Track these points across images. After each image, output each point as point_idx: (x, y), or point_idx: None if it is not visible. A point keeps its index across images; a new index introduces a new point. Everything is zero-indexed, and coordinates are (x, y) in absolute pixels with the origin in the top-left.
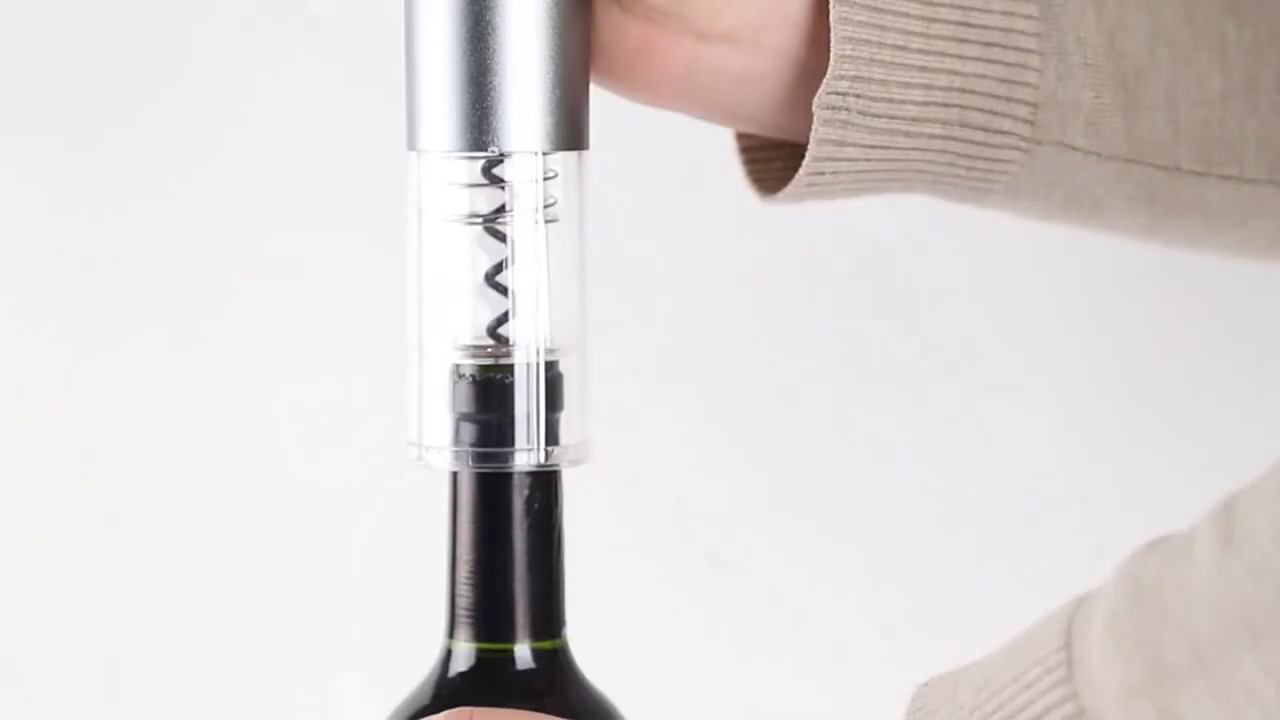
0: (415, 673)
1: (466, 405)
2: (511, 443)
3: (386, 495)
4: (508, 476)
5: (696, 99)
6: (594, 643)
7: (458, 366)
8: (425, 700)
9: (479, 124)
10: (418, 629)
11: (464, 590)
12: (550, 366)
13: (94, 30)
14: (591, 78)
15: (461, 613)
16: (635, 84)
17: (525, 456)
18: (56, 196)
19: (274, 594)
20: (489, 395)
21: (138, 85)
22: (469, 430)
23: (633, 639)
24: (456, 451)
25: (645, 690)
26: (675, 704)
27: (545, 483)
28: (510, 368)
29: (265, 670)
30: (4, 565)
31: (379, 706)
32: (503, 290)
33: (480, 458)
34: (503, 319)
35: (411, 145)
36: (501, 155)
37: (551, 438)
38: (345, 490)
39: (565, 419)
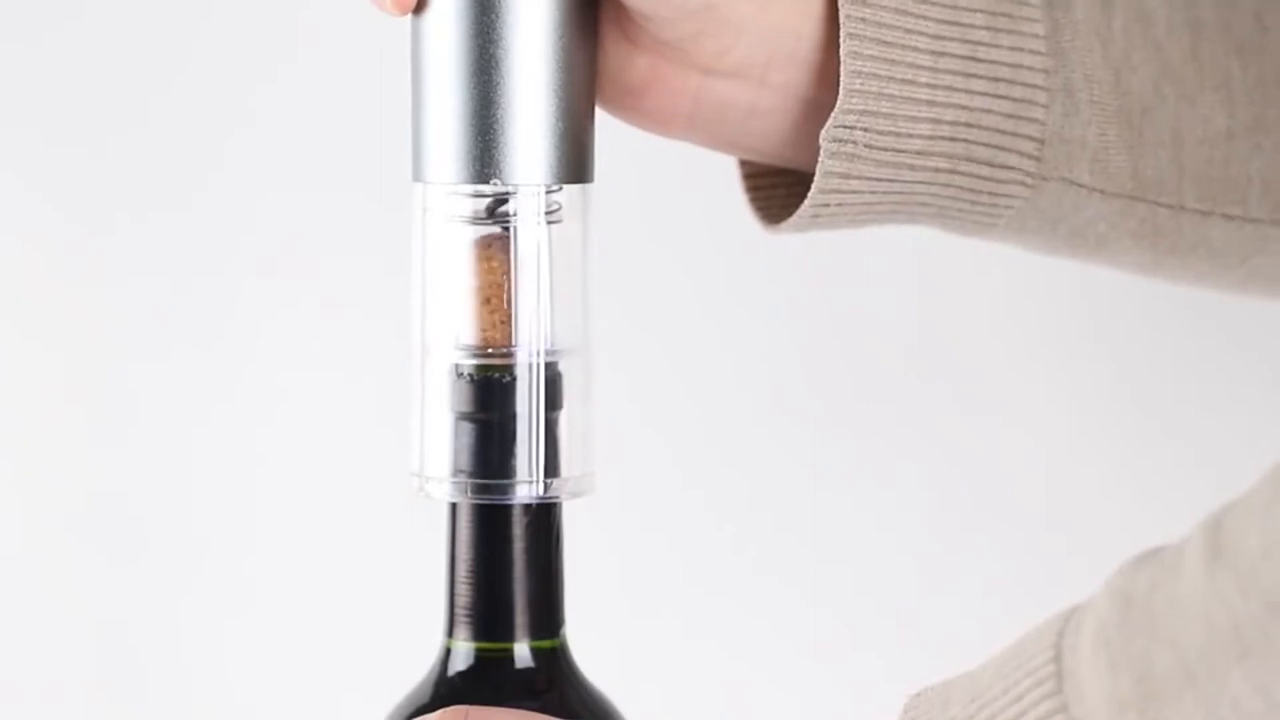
0: (414, 672)
1: (466, 405)
2: (511, 474)
3: (387, 494)
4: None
5: (703, 130)
6: (594, 642)
7: (457, 366)
8: (424, 699)
9: (482, 157)
10: (417, 628)
11: (463, 589)
12: (550, 366)
13: (96, 35)
14: (598, 107)
15: (460, 612)
16: (642, 115)
17: (525, 489)
18: (61, 205)
19: (274, 592)
20: (489, 394)
21: (140, 89)
22: (468, 457)
23: (633, 639)
24: (455, 483)
25: (645, 690)
26: (675, 704)
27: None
28: (510, 367)
29: (265, 668)
30: (9, 571)
31: (378, 705)
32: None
33: (480, 489)
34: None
35: (416, 177)
36: (505, 190)
37: (552, 469)
38: (346, 490)
39: (567, 447)
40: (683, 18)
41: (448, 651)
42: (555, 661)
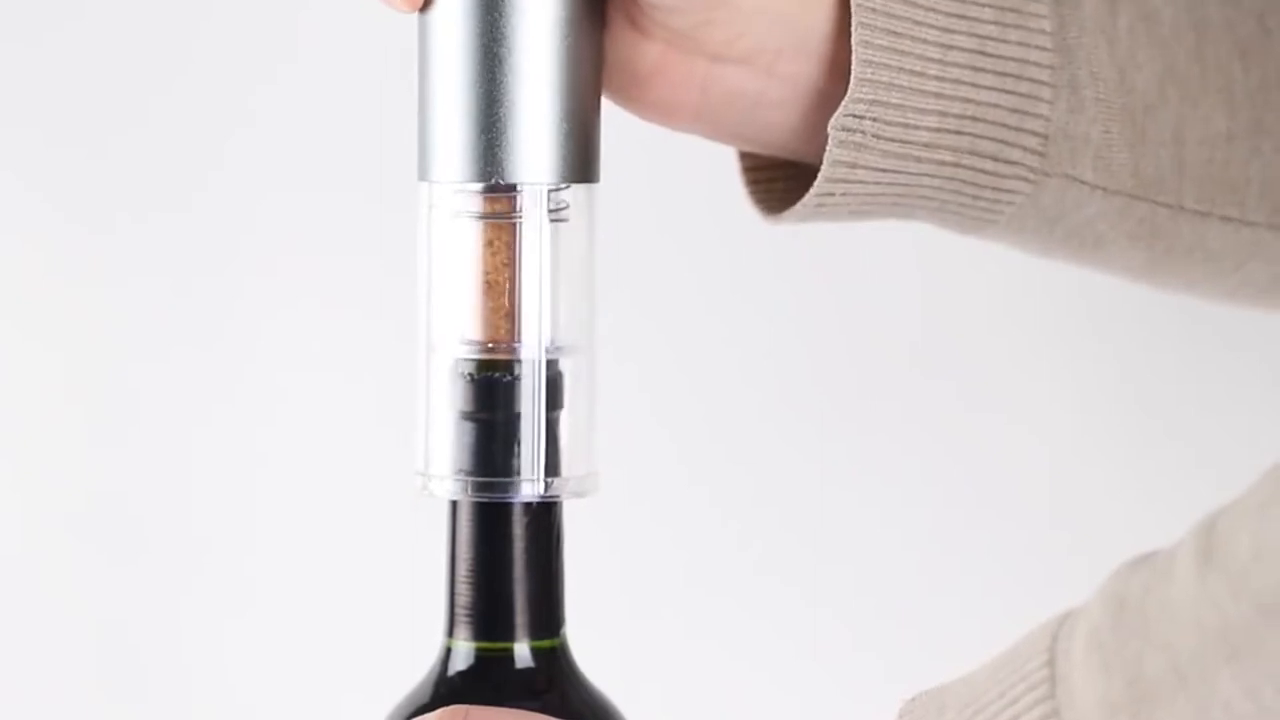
0: (414, 672)
1: (468, 404)
2: (513, 473)
3: (387, 494)
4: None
5: (709, 120)
6: (594, 642)
7: (458, 363)
8: (424, 699)
9: (487, 156)
10: (417, 628)
11: (463, 589)
12: (553, 365)
13: (96, 35)
14: (606, 97)
15: (461, 611)
16: (650, 105)
17: (527, 488)
18: (61, 205)
19: (274, 592)
20: (492, 393)
21: (140, 89)
22: (470, 456)
23: (633, 639)
24: (457, 481)
25: (645, 690)
26: (675, 704)
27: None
28: (513, 365)
29: (265, 668)
30: (9, 571)
31: (378, 705)
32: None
33: (481, 487)
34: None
35: (422, 175)
36: (510, 188)
37: (553, 468)
38: (346, 490)
39: (568, 446)
40: (692, 6)
41: (448, 651)
42: (555, 661)
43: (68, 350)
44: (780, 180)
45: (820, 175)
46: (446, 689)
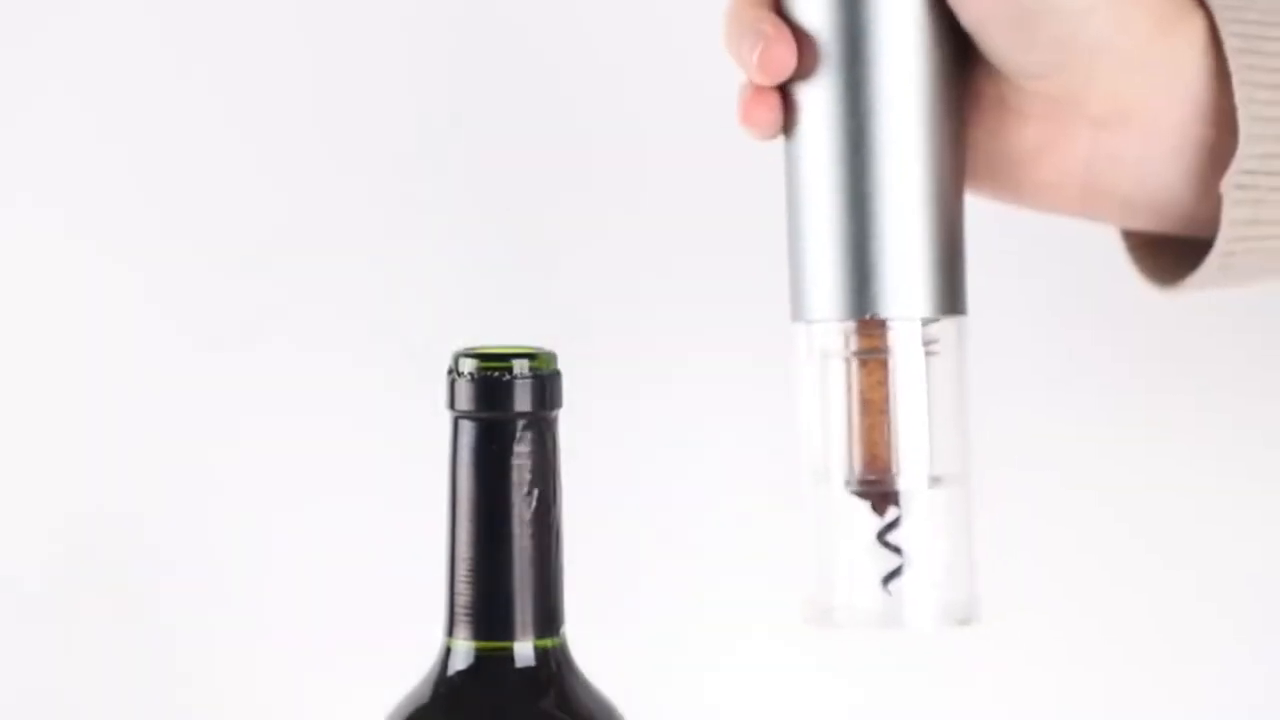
0: (414, 672)
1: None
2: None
3: (387, 494)
4: (505, 466)
5: (1097, 193)
6: (594, 642)
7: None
8: (424, 698)
9: (859, 292)
10: (417, 628)
11: (463, 588)
12: (551, 375)
13: (97, 34)
14: (980, 193)
15: (460, 610)
16: (1032, 188)
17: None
18: (62, 209)
19: (273, 592)
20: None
21: (142, 90)
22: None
23: (633, 639)
24: (868, 604)
25: (645, 690)
26: (675, 704)
27: (543, 473)
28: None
29: (265, 668)
30: (10, 577)
31: (379, 705)
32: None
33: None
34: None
35: (795, 317)
36: (883, 320)
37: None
38: (346, 489)
39: (947, 577)
40: (1058, 62)
41: (448, 650)
42: (555, 660)
43: (69, 353)
44: (1167, 254)
45: (1220, 236)
46: (446, 688)
